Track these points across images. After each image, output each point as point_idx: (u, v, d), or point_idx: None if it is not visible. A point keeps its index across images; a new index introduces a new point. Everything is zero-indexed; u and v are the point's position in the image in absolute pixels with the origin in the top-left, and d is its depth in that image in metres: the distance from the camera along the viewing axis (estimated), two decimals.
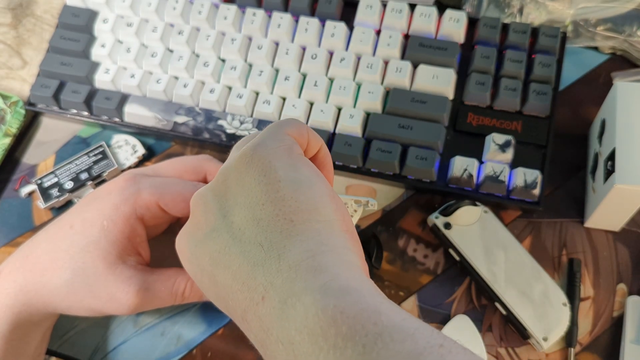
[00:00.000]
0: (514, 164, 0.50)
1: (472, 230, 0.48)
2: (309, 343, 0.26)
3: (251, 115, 0.53)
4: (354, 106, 0.53)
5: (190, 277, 0.35)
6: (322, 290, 0.27)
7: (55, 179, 0.53)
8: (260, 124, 0.52)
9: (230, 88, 0.54)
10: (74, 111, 0.56)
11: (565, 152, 0.53)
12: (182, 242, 0.34)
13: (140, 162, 0.55)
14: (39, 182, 0.53)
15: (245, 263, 0.30)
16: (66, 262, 0.40)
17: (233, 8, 0.56)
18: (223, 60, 0.55)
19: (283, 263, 0.29)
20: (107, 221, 0.40)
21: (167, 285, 0.41)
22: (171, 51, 0.56)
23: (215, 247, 0.31)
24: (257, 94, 0.54)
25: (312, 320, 0.26)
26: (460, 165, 0.49)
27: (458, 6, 0.58)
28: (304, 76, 0.54)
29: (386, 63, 0.54)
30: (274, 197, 0.31)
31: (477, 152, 0.51)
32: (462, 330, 0.47)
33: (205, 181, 0.44)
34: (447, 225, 0.48)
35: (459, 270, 0.49)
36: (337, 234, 0.31)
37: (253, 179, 0.31)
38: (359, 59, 0.54)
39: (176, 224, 0.45)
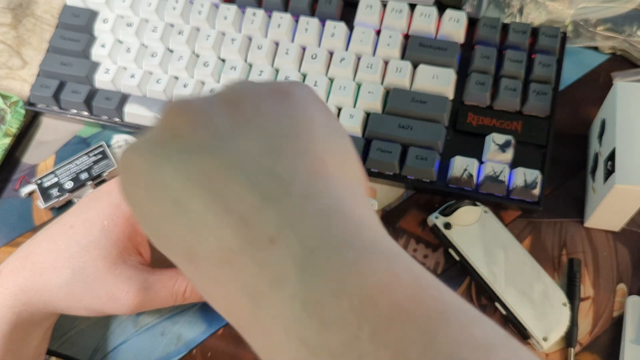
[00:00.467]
0: (514, 164, 0.50)
1: (472, 230, 0.48)
2: (350, 309, 0.20)
3: None
4: (354, 106, 0.53)
5: (125, 198, 0.26)
6: (369, 247, 0.22)
7: (55, 179, 0.53)
8: None
9: None
10: (74, 111, 0.56)
11: (565, 152, 0.53)
12: (138, 149, 0.25)
13: None
14: (39, 182, 0.53)
15: (250, 192, 0.23)
16: (66, 262, 0.40)
17: (233, 8, 0.56)
18: (223, 60, 0.55)
19: (310, 205, 0.22)
20: (108, 221, 0.40)
21: (168, 285, 0.41)
22: (171, 51, 0.56)
23: (200, 168, 0.23)
24: None
25: (358, 283, 0.20)
26: (460, 165, 0.50)
27: (458, 6, 0.58)
28: (304, 76, 0.54)
29: (386, 63, 0.54)
30: (304, 133, 0.25)
31: (477, 152, 0.51)
32: None
33: None
34: (447, 225, 0.48)
35: (459, 270, 0.49)
36: (363, 191, 0.26)
37: (283, 110, 0.25)
38: (359, 59, 0.54)
39: None
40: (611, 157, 0.45)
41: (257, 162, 0.23)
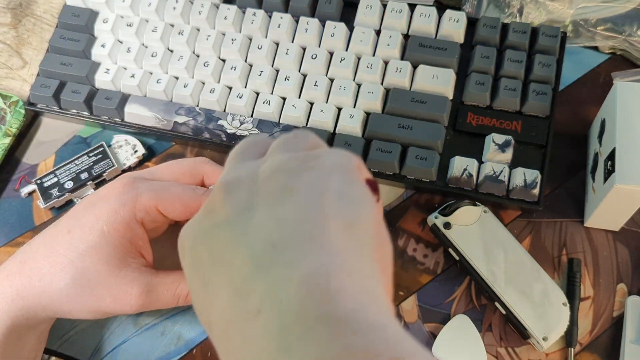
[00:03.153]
0: (513, 164, 0.50)
1: (472, 230, 0.48)
2: None
3: (251, 115, 0.53)
4: (354, 106, 0.53)
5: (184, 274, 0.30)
6: (345, 322, 0.21)
7: (55, 179, 0.53)
8: (260, 124, 0.52)
9: (230, 88, 0.54)
10: (74, 111, 0.56)
11: (565, 152, 0.53)
12: (187, 231, 0.29)
13: (141, 162, 0.55)
14: (39, 181, 0.53)
15: (247, 263, 0.24)
16: (65, 267, 0.39)
17: (233, 8, 0.56)
18: (223, 60, 0.55)
19: (295, 273, 0.23)
20: (107, 226, 0.40)
21: (171, 288, 0.41)
22: (171, 51, 0.56)
23: (221, 240, 0.26)
24: (257, 94, 0.54)
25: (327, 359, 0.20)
26: (460, 165, 0.50)
27: (458, 6, 0.58)
28: (304, 76, 0.54)
29: (386, 63, 0.54)
30: (312, 202, 0.26)
31: (476, 152, 0.51)
32: (461, 330, 0.47)
33: (202, 184, 0.44)
34: (447, 225, 0.48)
35: (459, 270, 0.49)
36: (367, 259, 0.26)
37: (304, 182, 0.27)
38: (359, 59, 0.54)
39: (175, 224, 0.45)
40: (611, 157, 0.45)
41: (260, 232, 0.25)
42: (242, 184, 0.28)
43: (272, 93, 0.54)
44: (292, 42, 0.55)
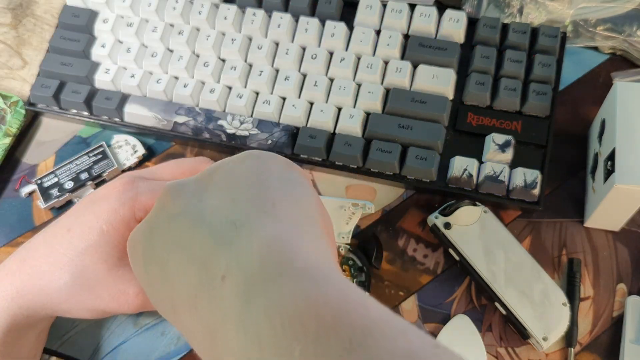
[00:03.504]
0: (513, 164, 0.50)
1: (472, 230, 0.48)
2: (282, 331, 0.22)
3: (251, 115, 0.53)
4: (354, 106, 0.53)
5: (136, 276, 0.32)
6: (302, 274, 0.24)
7: (56, 179, 0.53)
8: (260, 124, 0.52)
9: (230, 88, 0.54)
10: (74, 111, 0.56)
11: (565, 152, 0.53)
12: (137, 231, 0.31)
13: (141, 162, 0.55)
14: (39, 182, 0.53)
15: (209, 241, 0.26)
16: (65, 265, 0.39)
17: (233, 8, 0.56)
18: (223, 60, 0.55)
19: (255, 240, 0.25)
20: (107, 225, 0.40)
21: None
22: (171, 51, 0.56)
23: (178, 229, 0.28)
24: (257, 94, 0.54)
25: (289, 307, 0.23)
26: (460, 165, 0.50)
27: (458, 6, 0.58)
28: (304, 76, 0.54)
29: (386, 63, 0.54)
30: (260, 184, 0.29)
31: (477, 152, 0.51)
32: (462, 330, 0.47)
33: None
34: (447, 225, 0.48)
35: (459, 270, 0.49)
36: (317, 229, 0.29)
37: (246, 168, 0.30)
38: (359, 59, 0.54)
39: None
40: (611, 157, 0.45)
41: (217, 214, 0.28)
42: (187, 183, 0.31)
43: (272, 93, 0.54)
44: (292, 42, 0.55)
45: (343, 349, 0.21)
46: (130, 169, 0.55)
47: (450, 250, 0.48)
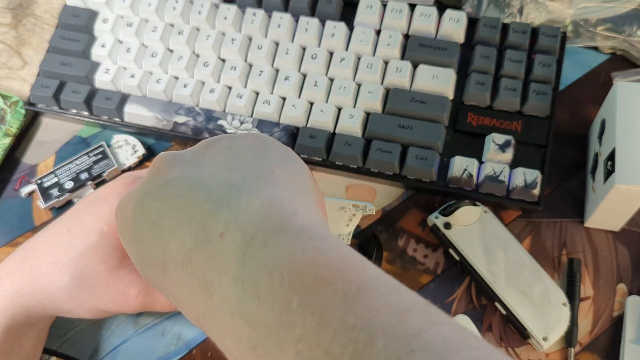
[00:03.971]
0: (513, 164, 0.50)
1: (472, 230, 0.48)
2: (280, 283, 0.23)
3: (251, 115, 0.53)
4: (354, 106, 0.53)
5: (122, 241, 0.32)
6: (301, 231, 0.25)
7: (56, 179, 0.53)
8: (260, 124, 0.52)
9: (230, 88, 0.54)
10: (74, 111, 0.56)
11: (565, 152, 0.53)
12: (127, 198, 0.32)
13: (141, 162, 0.55)
14: (39, 182, 0.53)
15: (208, 202, 0.27)
16: (65, 266, 0.39)
17: (233, 8, 0.56)
18: (223, 60, 0.55)
19: (255, 200, 0.26)
20: (107, 226, 0.39)
21: None
22: (171, 51, 0.56)
23: (173, 193, 0.29)
24: (257, 94, 0.54)
25: (288, 260, 0.23)
26: (460, 165, 0.50)
27: (458, 6, 0.58)
28: (304, 76, 0.54)
29: (386, 63, 0.54)
30: (260, 156, 0.30)
31: (477, 152, 0.51)
32: None
33: None
34: (447, 225, 0.48)
35: (459, 270, 0.49)
36: (312, 200, 0.29)
37: (245, 142, 0.31)
38: (359, 59, 0.54)
39: None
40: (611, 157, 0.45)
41: (216, 179, 0.28)
42: (183, 153, 0.32)
43: (272, 93, 0.54)
44: (292, 42, 0.55)
45: (339, 300, 0.22)
46: (130, 169, 0.55)
47: (450, 250, 0.48)
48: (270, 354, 0.23)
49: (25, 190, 0.54)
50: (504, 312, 0.46)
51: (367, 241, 0.49)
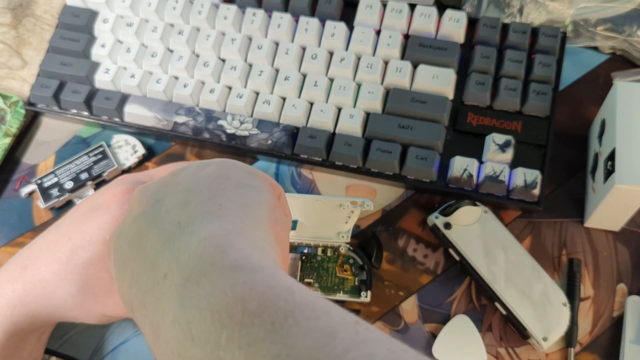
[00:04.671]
0: (513, 164, 0.50)
1: (472, 230, 0.48)
2: (211, 321, 0.24)
3: (251, 115, 0.53)
4: (354, 106, 0.53)
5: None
6: (232, 267, 0.25)
7: (56, 179, 0.53)
8: (260, 124, 0.52)
9: (230, 88, 0.54)
10: (74, 111, 0.56)
11: (565, 152, 0.53)
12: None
13: (141, 162, 0.55)
14: (39, 182, 0.53)
15: (158, 242, 0.28)
16: (68, 274, 0.39)
17: (233, 8, 0.56)
18: (223, 60, 0.55)
19: (194, 239, 0.27)
20: (109, 236, 0.39)
21: None
22: (171, 51, 0.56)
23: (137, 230, 0.30)
24: (257, 94, 0.54)
25: (218, 298, 0.24)
26: (460, 165, 0.50)
27: (458, 6, 0.58)
28: (304, 76, 0.54)
29: (386, 63, 0.54)
30: (214, 188, 0.31)
31: (477, 152, 0.51)
32: (462, 330, 0.47)
33: None
34: (447, 225, 0.48)
35: (459, 270, 0.49)
36: (262, 230, 0.30)
37: (207, 175, 0.32)
38: (359, 59, 0.54)
39: None
40: (611, 157, 0.45)
41: (169, 215, 0.29)
42: (150, 186, 0.34)
43: (272, 93, 0.54)
44: (292, 42, 0.55)
45: (265, 331, 0.23)
46: (130, 169, 0.55)
47: (450, 250, 0.48)
48: None
49: (25, 190, 0.54)
50: (504, 312, 0.46)
51: (367, 241, 0.49)
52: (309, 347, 0.22)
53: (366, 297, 0.47)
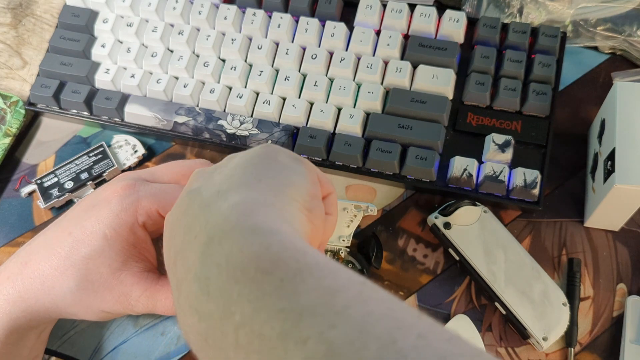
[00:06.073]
0: (513, 164, 0.50)
1: (472, 230, 0.48)
2: (226, 277, 0.25)
3: (251, 115, 0.53)
4: (354, 106, 0.53)
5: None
6: (252, 229, 0.27)
7: (56, 179, 0.53)
8: (260, 124, 0.52)
9: (230, 88, 0.54)
10: (74, 111, 0.56)
11: (565, 152, 0.53)
12: (169, 213, 0.35)
13: (141, 162, 0.55)
14: (39, 182, 0.53)
15: (199, 206, 0.30)
16: (68, 269, 0.39)
17: (233, 8, 0.56)
18: (223, 60, 0.55)
19: (225, 204, 0.29)
20: (109, 230, 0.39)
21: (171, 297, 0.41)
22: (171, 51, 0.56)
23: (186, 202, 0.32)
24: (257, 94, 0.54)
25: (235, 256, 0.26)
26: (460, 165, 0.50)
27: (458, 6, 0.58)
28: (304, 76, 0.54)
29: (386, 63, 0.54)
30: (259, 165, 0.32)
31: (476, 152, 0.51)
32: (461, 330, 0.47)
33: None
34: (447, 225, 0.48)
35: (459, 270, 0.49)
36: (293, 208, 0.31)
37: (256, 155, 0.34)
38: (358, 59, 0.54)
39: None
40: (611, 157, 0.45)
41: (213, 186, 0.31)
42: (207, 168, 0.35)
43: (272, 93, 0.54)
44: (292, 42, 0.55)
45: (274, 287, 0.24)
46: (130, 169, 0.55)
47: (450, 250, 0.48)
48: (217, 342, 0.25)
49: (25, 190, 0.54)
50: (503, 312, 0.46)
51: (367, 241, 0.49)
52: (312, 302, 0.23)
53: None
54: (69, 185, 0.53)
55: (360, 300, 0.23)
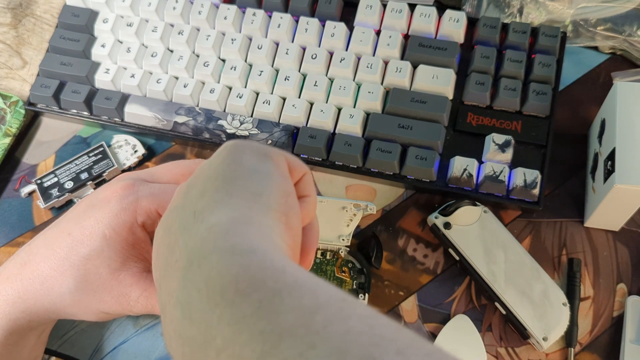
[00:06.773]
0: (513, 164, 0.50)
1: (472, 230, 0.48)
2: (207, 302, 0.25)
3: (251, 115, 0.53)
4: (354, 106, 0.53)
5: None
6: (230, 251, 0.27)
7: (55, 179, 0.53)
8: (260, 124, 0.52)
9: (230, 88, 0.54)
10: (74, 111, 0.56)
11: (565, 152, 0.53)
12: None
13: (141, 162, 0.55)
14: (39, 182, 0.53)
15: (178, 230, 0.30)
16: (67, 270, 0.39)
17: (233, 8, 0.56)
18: (223, 60, 0.55)
19: (202, 226, 0.29)
20: (109, 230, 0.39)
21: None
22: (171, 51, 0.56)
23: (168, 221, 0.32)
24: (257, 94, 0.54)
25: (214, 280, 0.26)
26: (460, 165, 0.50)
27: (458, 6, 0.58)
28: (304, 76, 0.54)
29: (386, 63, 0.54)
30: (227, 176, 0.32)
31: (476, 152, 0.51)
32: (461, 330, 0.47)
33: None
34: (447, 225, 0.48)
35: (459, 270, 0.49)
36: (270, 219, 0.31)
37: (222, 162, 0.33)
38: (358, 59, 0.54)
39: None
40: (611, 157, 0.45)
41: (191, 205, 0.31)
42: (190, 178, 0.35)
43: (272, 93, 0.54)
44: (292, 42, 0.55)
45: (253, 309, 0.24)
46: (130, 169, 0.55)
47: (450, 250, 0.48)
48: None
49: (25, 190, 0.54)
50: (503, 312, 0.46)
51: (367, 241, 0.49)
52: (291, 323, 0.23)
53: (364, 300, 0.47)
54: (69, 185, 0.53)
55: (341, 317, 0.23)
